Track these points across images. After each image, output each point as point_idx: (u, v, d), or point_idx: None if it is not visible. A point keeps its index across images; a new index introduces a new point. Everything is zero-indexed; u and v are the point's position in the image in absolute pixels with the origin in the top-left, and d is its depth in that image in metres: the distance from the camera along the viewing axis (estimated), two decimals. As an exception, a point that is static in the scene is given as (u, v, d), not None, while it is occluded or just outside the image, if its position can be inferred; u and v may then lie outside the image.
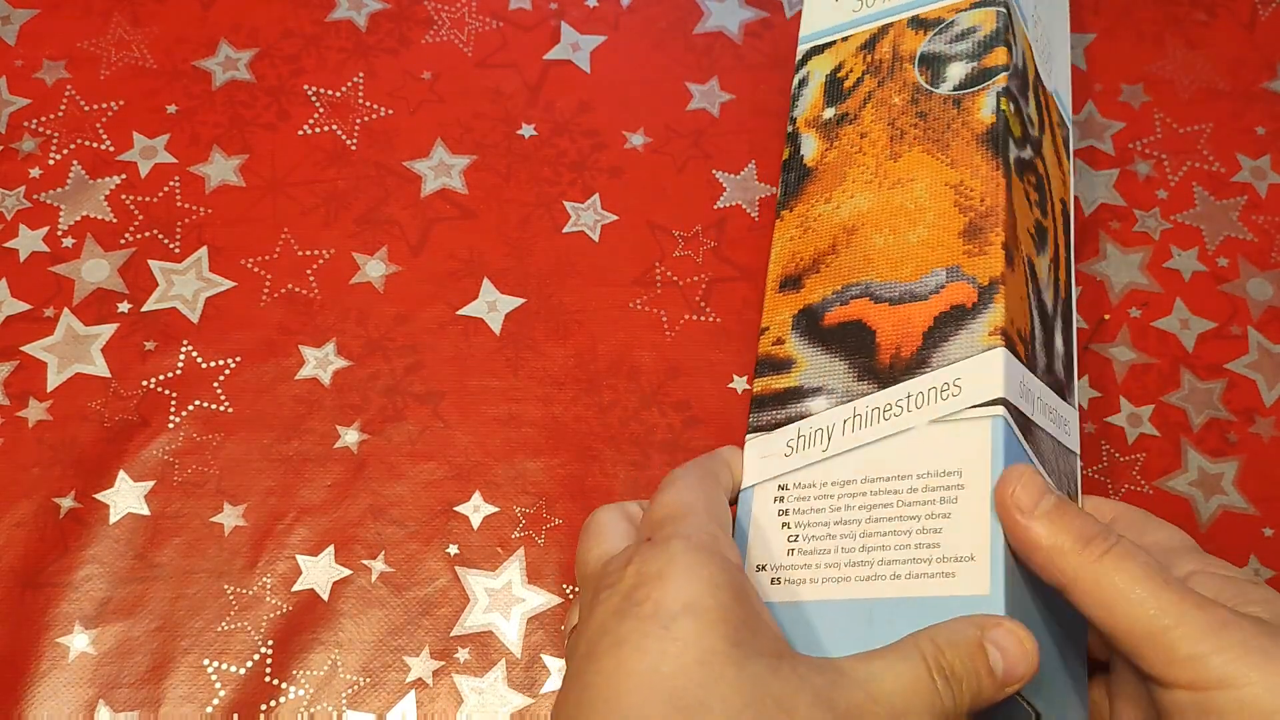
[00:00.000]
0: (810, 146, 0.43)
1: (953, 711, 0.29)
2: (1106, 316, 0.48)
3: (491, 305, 0.48)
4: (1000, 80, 0.41)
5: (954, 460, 0.34)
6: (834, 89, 0.44)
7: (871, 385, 0.37)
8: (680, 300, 0.48)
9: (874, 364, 0.37)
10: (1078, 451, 0.39)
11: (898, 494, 0.35)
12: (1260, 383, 0.46)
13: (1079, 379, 0.46)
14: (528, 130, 0.52)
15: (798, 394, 0.38)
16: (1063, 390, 0.39)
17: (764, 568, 0.35)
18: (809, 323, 0.39)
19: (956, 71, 0.42)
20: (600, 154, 0.51)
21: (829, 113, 0.44)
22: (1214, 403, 0.46)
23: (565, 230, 0.49)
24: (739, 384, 0.46)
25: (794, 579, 0.35)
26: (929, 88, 0.42)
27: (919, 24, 0.44)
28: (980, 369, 0.35)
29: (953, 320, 0.37)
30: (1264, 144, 0.52)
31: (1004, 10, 0.42)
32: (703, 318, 0.48)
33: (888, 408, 0.36)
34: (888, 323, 0.38)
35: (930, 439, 0.35)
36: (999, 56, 0.42)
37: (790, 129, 0.44)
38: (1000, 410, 0.34)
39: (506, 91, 0.52)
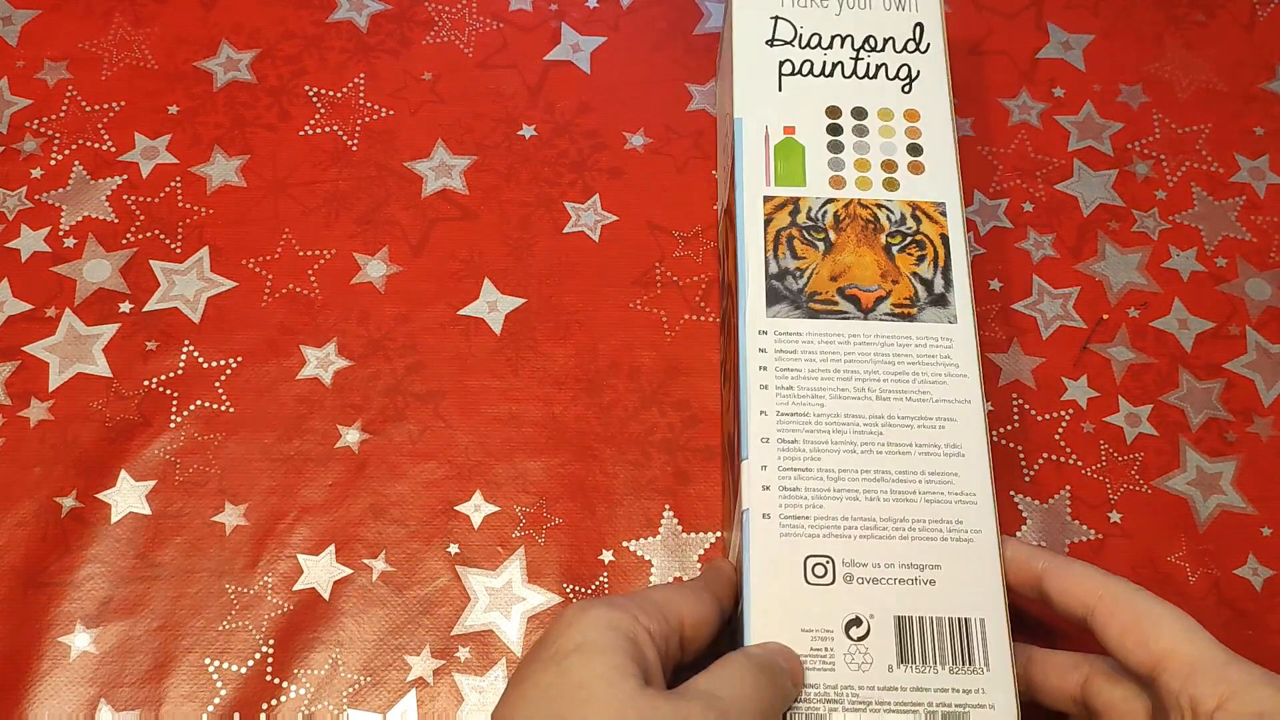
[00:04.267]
0: None
1: None
2: (1105, 316, 0.48)
3: (492, 305, 0.48)
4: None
5: None
6: None
7: None
8: (680, 300, 0.48)
9: None
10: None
11: None
12: (1259, 382, 0.47)
13: (1078, 379, 0.46)
14: (528, 131, 0.52)
15: None
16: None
17: None
18: None
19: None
20: (600, 154, 0.51)
21: None
22: (1212, 402, 0.46)
23: (565, 230, 0.50)
24: (739, 384, 0.46)
25: None
26: None
27: None
28: None
29: None
30: (1262, 144, 0.52)
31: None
32: (703, 318, 0.48)
33: None
34: None
35: None
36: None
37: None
38: None
39: (507, 92, 0.53)
